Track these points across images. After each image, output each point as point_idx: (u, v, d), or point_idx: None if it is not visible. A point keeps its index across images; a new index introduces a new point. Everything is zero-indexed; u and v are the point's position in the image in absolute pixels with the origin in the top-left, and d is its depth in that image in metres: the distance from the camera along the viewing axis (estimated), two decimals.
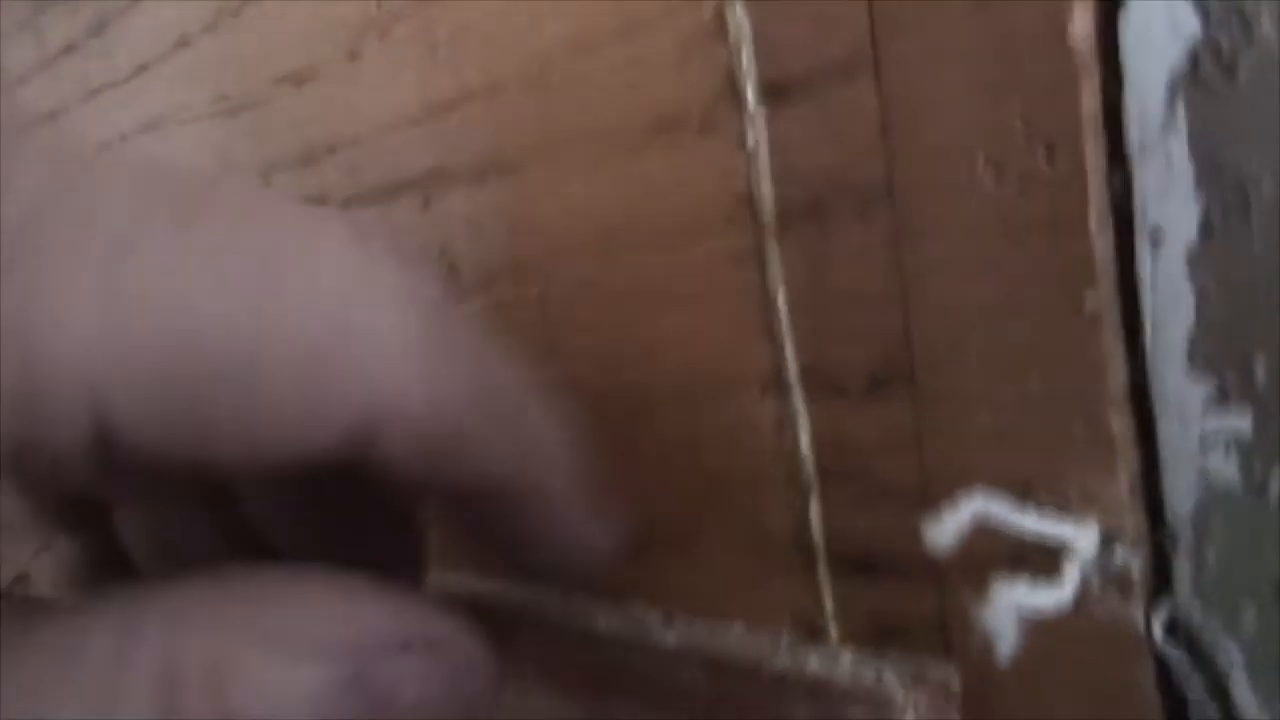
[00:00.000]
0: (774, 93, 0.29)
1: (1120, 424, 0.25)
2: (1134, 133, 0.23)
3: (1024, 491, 0.26)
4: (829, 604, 0.31)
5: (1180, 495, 0.24)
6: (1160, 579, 0.25)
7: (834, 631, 0.31)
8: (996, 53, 0.25)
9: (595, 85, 0.34)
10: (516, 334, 0.38)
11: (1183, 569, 0.24)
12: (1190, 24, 0.22)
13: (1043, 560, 0.26)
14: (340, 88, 0.43)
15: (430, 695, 0.19)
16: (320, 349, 0.18)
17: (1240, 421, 0.23)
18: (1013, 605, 0.27)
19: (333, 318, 0.18)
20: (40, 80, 0.60)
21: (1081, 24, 0.23)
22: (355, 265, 0.19)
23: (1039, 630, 0.27)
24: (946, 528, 0.27)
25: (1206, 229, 0.23)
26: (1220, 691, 0.24)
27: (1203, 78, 0.22)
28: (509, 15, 0.36)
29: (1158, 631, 0.25)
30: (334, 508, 0.25)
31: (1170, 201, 0.23)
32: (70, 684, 0.16)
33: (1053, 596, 0.26)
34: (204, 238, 0.17)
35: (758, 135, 0.30)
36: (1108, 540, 0.25)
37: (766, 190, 0.30)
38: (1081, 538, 0.25)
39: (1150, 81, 0.23)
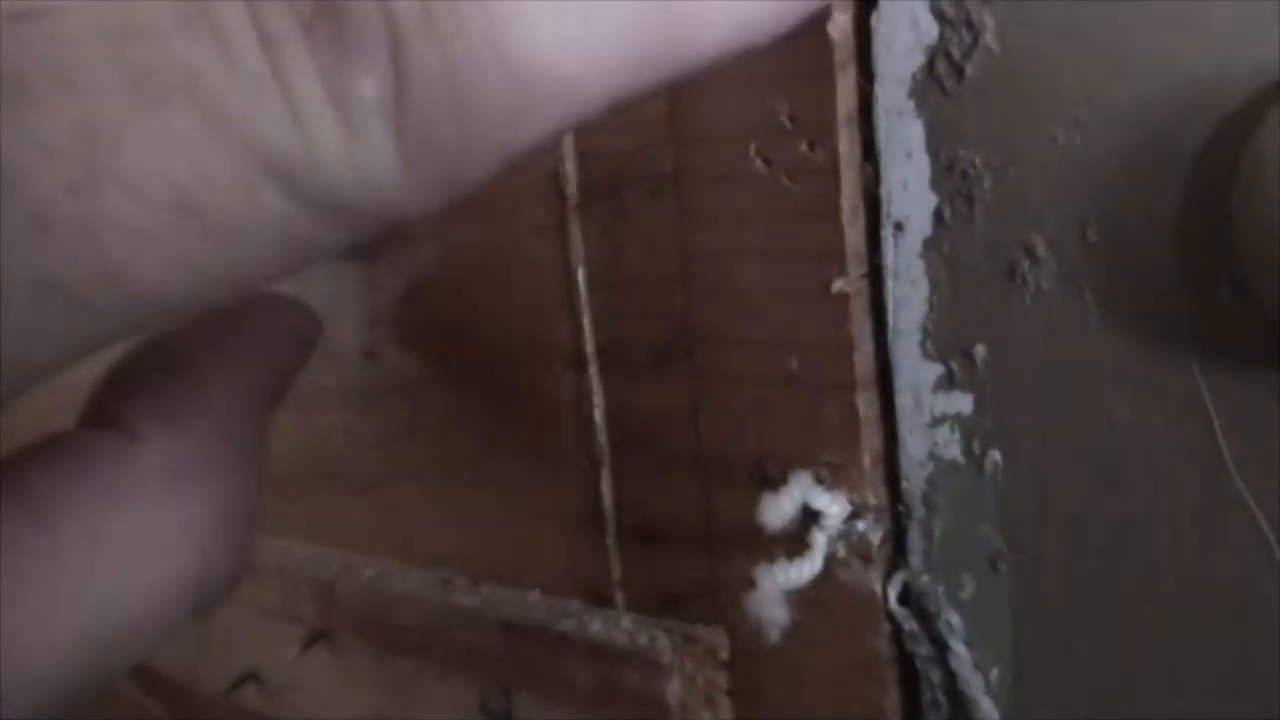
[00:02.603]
0: None
1: (866, 404, 0.26)
2: (881, 128, 0.25)
3: (786, 467, 0.28)
4: (616, 572, 0.32)
5: (913, 470, 0.26)
6: (897, 549, 0.27)
7: (620, 598, 0.33)
8: (767, 49, 0.26)
9: None
10: (349, 301, 0.39)
11: (915, 540, 0.26)
12: (930, 29, 0.24)
13: (796, 533, 0.27)
14: None
15: None
16: None
17: (963, 403, 0.25)
18: (776, 587, 0.28)
19: None
20: None
21: (840, 21, 0.25)
22: None
23: (797, 602, 0.28)
24: (782, 509, 0.27)
25: (939, 220, 0.24)
26: (942, 655, 0.26)
27: (937, 79, 0.24)
28: None
29: (893, 598, 0.26)
30: None
31: (910, 194, 0.25)
32: None
33: (807, 569, 0.27)
34: None
35: None
36: (853, 513, 0.27)
37: (571, 169, 0.31)
38: (831, 510, 0.27)
39: (896, 80, 0.24)
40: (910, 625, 0.26)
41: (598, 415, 0.32)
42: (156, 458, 0.18)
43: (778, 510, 0.25)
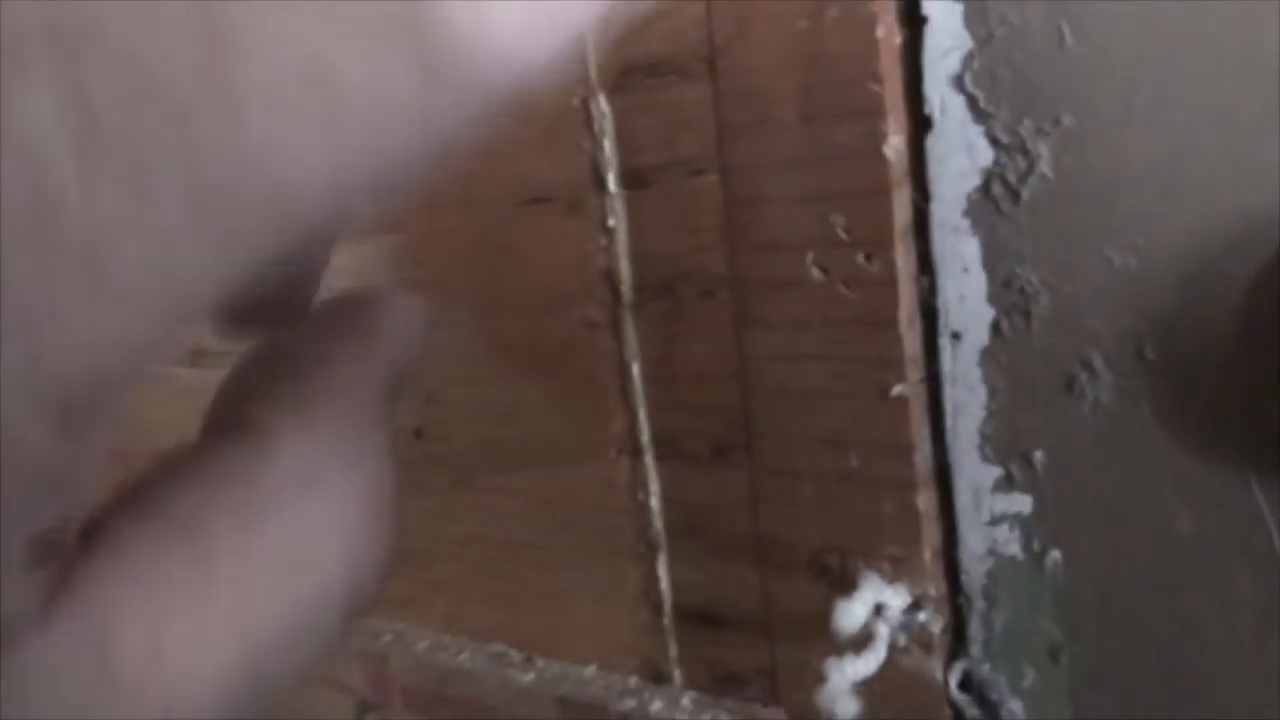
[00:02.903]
0: (633, 180, 0.32)
1: (926, 502, 0.28)
2: (938, 243, 0.26)
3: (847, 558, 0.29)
4: (673, 651, 0.34)
5: (973, 565, 0.27)
6: (957, 639, 0.28)
7: (678, 676, 0.34)
8: (823, 164, 0.27)
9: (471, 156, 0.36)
10: None
11: (975, 630, 0.27)
12: (984, 153, 0.25)
13: (860, 626, 0.29)
14: None
15: None
16: None
17: (1022, 504, 0.26)
18: (845, 680, 0.29)
19: None
20: None
21: (895, 142, 0.26)
22: None
23: (862, 690, 0.29)
24: (855, 614, 0.29)
25: (996, 332, 0.26)
26: None
27: (993, 200, 0.25)
28: None
29: (954, 685, 0.28)
30: None
31: (967, 306, 0.26)
32: None
33: (873, 660, 0.29)
34: None
35: (618, 218, 0.32)
36: (914, 605, 0.28)
37: (624, 268, 0.32)
38: (893, 602, 0.28)
39: (951, 200, 0.26)
40: (973, 712, 0.27)
41: (654, 502, 0.33)
42: (295, 460, 0.18)
43: (851, 616, 0.27)
